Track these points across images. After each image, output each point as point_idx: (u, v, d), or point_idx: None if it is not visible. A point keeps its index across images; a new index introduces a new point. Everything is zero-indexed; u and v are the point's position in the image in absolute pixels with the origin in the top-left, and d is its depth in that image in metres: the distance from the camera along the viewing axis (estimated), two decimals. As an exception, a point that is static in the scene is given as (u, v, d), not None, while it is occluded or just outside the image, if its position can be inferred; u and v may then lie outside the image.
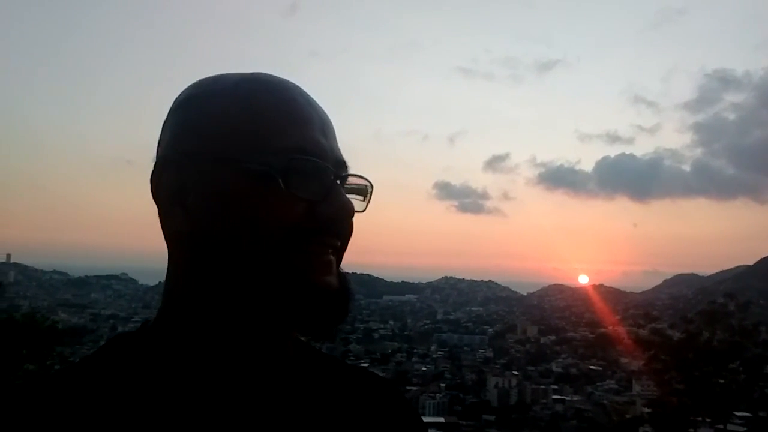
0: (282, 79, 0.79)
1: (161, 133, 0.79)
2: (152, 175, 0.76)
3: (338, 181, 0.75)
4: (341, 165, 0.76)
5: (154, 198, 0.77)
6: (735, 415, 22.62)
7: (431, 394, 61.10)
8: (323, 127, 0.77)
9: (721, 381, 21.44)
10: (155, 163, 0.77)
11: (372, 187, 0.80)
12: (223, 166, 0.72)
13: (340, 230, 0.76)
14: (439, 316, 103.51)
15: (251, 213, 0.71)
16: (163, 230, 0.77)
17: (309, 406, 0.78)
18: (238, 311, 0.73)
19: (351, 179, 0.78)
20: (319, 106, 0.78)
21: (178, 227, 0.74)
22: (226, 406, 0.73)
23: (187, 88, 0.79)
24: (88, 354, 0.77)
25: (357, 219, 0.78)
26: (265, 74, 0.79)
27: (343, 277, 0.76)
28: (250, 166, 0.72)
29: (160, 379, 0.72)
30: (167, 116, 0.79)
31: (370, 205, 0.79)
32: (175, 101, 0.79)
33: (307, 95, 0.78)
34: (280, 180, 0.71)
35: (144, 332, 0.78)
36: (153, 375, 0.72)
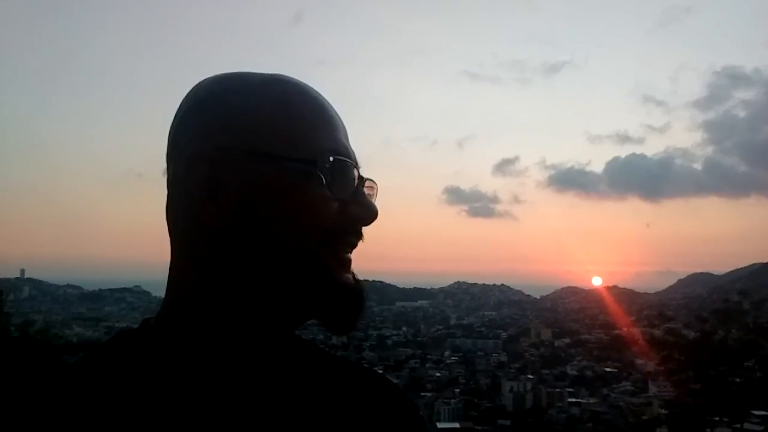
0: (305, 82, 0.80)
1: (180, 126, 0.77)
2: (177, 169, 0.75)
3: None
4: (359, 167, 0.78)
5: (179, 192, 0.75)
6: (752, 413, 22.39)
7: (446, 400, 60.93)
8: (345, 131, 0.80)
9: (738, 380, 21.28)
10: (182, 157, 0.74)
11: (378, 188, 0.82)
12: (263, 162, 0.72)
13: (362, 231, 0.78)
14: (452, 322, 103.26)
15: (291, 209, 0.72)
16: (176, 225, 0.77)
17: (310, 403, 0.78)
18: (258, 307, 0.74)
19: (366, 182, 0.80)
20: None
21: (209, 221, 0.72)
22: (228, 402, 0.72)
23: (210, 83, 0.78)
24: (90, 352, 0.76)
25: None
26: (288, 76, 0.80)
27: (355, 274, 0.78)
28: (293, 164, 0.72)
29: (163, 375, 0.72)
30: (188, 110, 0.77)
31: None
32: (195, 95, 0.78)
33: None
34: (323, 179, 0.73)
35: (146, 329, 0.77)
36: (156, 372, 0.72)
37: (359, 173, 0.77)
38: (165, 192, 0.79)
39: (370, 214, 0.77)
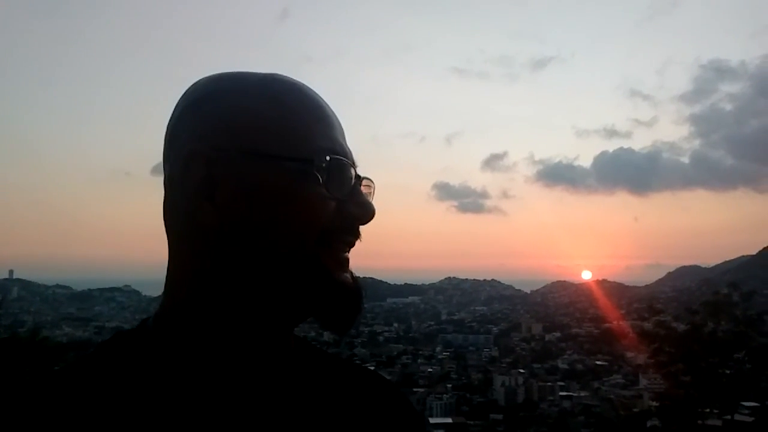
0: (301, 81, 0.80)
1: (176, 126, 0.77)
2: (173, 168, 0.75)
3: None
4: (356, 166, 0.78)
5: (175, 193, 0.75)
6: (742, 405, 22.50)
7: (438, 395, 60.88)
8: (341, 130, 0.79)
9: (728, 371, 21.40)
10: (179, 157, 0.74)
11: (375, 186, 0.82)
12: (259, 161, 0.72)
13: (359, 230, 0.78)
14: (444, 317, 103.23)
15: (288, 209, 0.71)
16: (173, 225, 0.76)
17: (309, 403, 0.77)
18: (256, 307, 0.73)
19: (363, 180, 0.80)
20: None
21: (207, 222, 0.72)
22: (228, 402, 0.72)
23: (206, 83, 0.78)
24: (88, 352, 0.76)
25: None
26: (284, 75, 0.79)
27: (353, 273, 0.78)
28: (290, 163, 0.72)
29: (161, 376, 0.71)
30: (184, 110, 0.77)
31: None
32: (191, 95, 0.78)
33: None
34: (320, 178, 0.72)
35: (144, 330, 0.77)
36: (154, 372, 0.71)
37: (356, 172, 0.77)
38: (153, 190, 0.77)
39: (367, 213, 0.77)
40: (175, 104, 0.79)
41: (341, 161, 0.75)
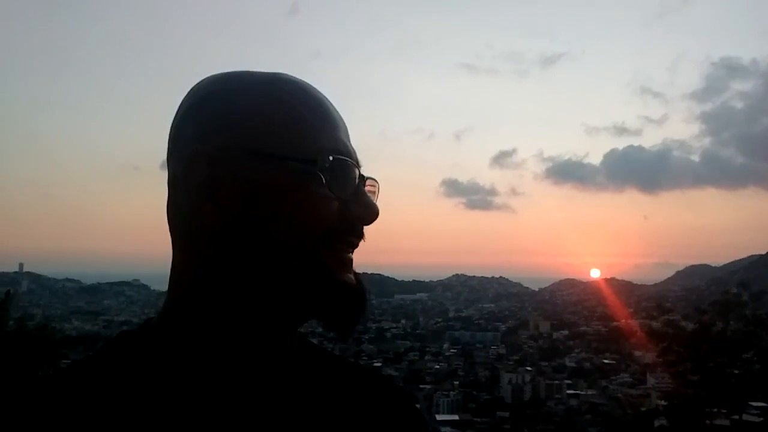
0: (305, 81, 0.80)
1: (180, 126, 0.77)
2: (177, 168, 0.75)
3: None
4: (360, 166, 0.78)
5: (179, 192, 0.75)
6: (750, 405, 22.39)
7: (445, 392, 60.83)
8: (346, 129, 0.79)
9: (736, 371, 21.28)
10: (182, 156, 0.74)
11: (379, 186, 0.81)
12: (262, 161, 0.72)
13: (363, 230, 0.78)
14: (451, 314, 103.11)
15: (291, 209, 0.71)
16: (176, 225, 0.76)
17: (310, 404, 0.77)
18: (259, 308, 0.73)
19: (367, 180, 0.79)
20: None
21: (209, 222, 0.71)
22: (230, 402, 0.72)
23: (209, 83, 0.78)
24: (92, 353, 0.76)
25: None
26: (288, 74, 0.79)
27: (357, 274, 0.77)
28: (293, 163, 0.72)
29: (164, 376, 0.71)
30: (188, 109, 0.77)
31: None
32: (195, 94, 0.77)
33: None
34: (323, 178, 0.72)
35: (148, 330, 0.77)
36: (158, 372, 0.71)
37: (360, 172, 0.77)
38: (162, 185, 0.78)
39: (370, 214, 0.76)
40: (179, 102, 0.79)
41: (345, 161, 0.74)
